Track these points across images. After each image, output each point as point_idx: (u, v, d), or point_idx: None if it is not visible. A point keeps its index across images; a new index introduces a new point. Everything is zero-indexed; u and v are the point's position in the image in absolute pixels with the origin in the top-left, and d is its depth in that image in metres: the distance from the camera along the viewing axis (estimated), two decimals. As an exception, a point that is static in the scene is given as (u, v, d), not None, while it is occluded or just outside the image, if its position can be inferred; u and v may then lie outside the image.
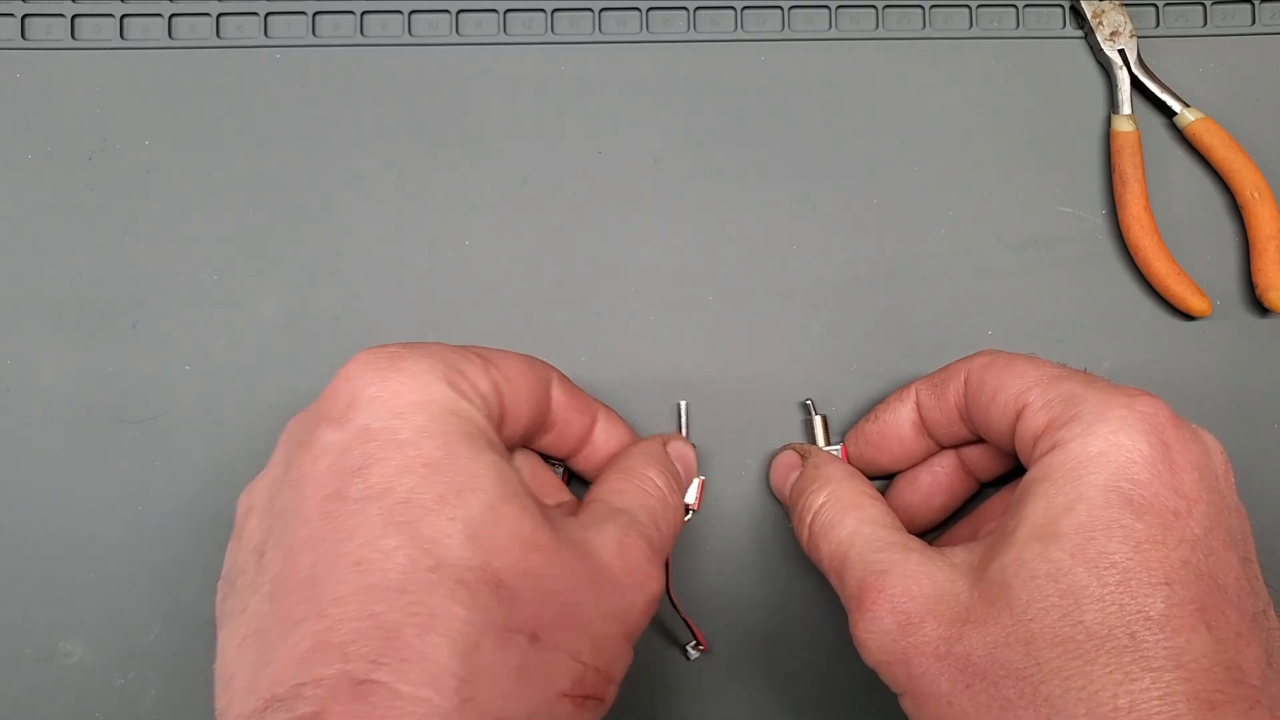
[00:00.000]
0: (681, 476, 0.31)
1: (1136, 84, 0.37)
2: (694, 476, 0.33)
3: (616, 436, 0.32)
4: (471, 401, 0.25)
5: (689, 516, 0.34)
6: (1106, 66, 0.37)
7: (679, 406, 0.35)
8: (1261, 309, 0.36)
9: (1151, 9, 0.38)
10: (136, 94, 0.37)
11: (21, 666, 0.34)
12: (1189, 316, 0.36)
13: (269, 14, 0.37)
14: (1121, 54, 0.37)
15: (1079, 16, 0.38)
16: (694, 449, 0.33)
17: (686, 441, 0.33)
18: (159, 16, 0.37)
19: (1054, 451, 0.25)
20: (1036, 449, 0.26)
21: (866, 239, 0.36)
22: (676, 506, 0.30)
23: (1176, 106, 0.36)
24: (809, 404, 0.35)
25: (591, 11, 0.37)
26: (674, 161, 0.37)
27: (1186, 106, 0.36)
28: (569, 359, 0.36)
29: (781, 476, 0.33)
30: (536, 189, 0.37)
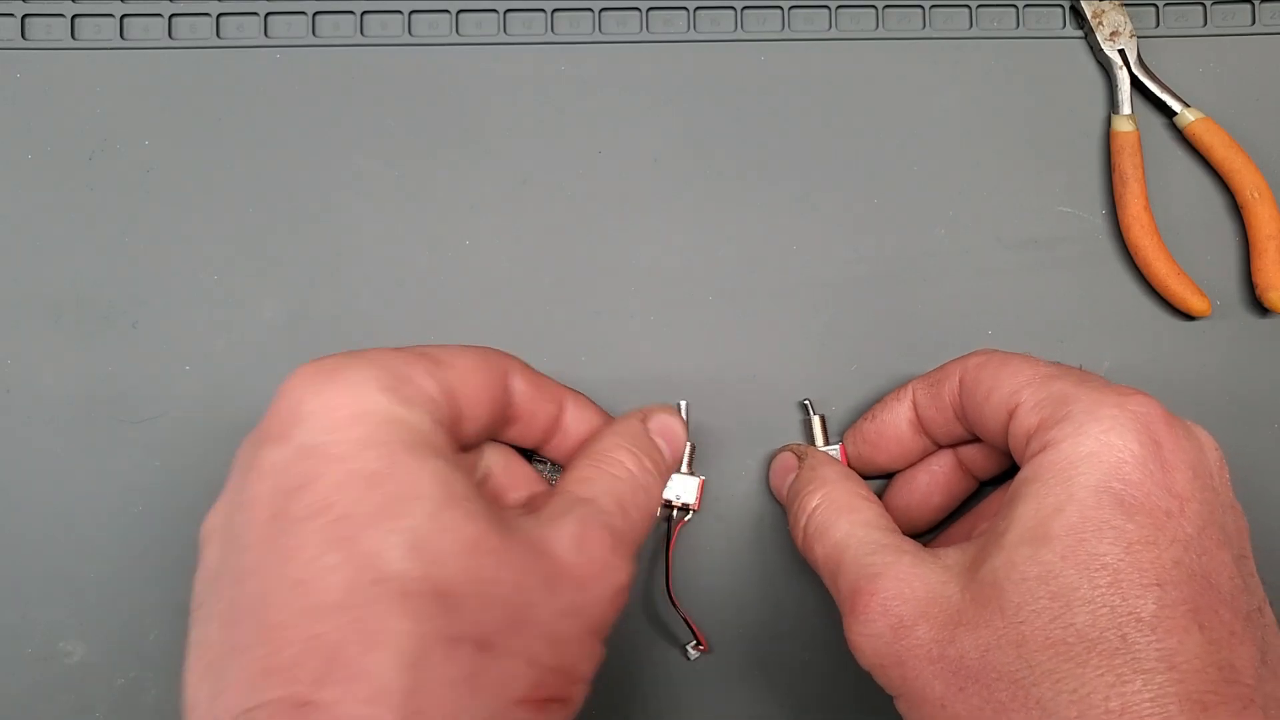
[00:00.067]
0: (664, 452, 0.30)
1: (1136, 84, 0.37)
2: (683, 446, 0.32)
3: (588, 421, 0.31)
4: (415, 407, 0.24)
5: (689, 516, 0.34)
6: (1106, 66, 0.37)
7: (679, 406, 0.35)
8: (1261, 309, 0.36)
9: (1151, 9, 0.38)
10: (136, 94, 0.37)
11: (21, 666, 0.34)
12: (1189, 316, 0.36)
13: (269, 14, 0.37)
14: (1121, 54, 0.37)
15: (1079, 16, 0.38)
16: (682, 418, 0.32)
17: (672, 411, 0.32)
18: (159, 16, 0.37)
19: (1045, 452, 0.25)
20: (1028, 449, 0.26)
21: (866, 239, 0.36)
22: (649, 487, 0.29)
23: (1176, 106, 0.36)
24: (807, 404, 0.35)
25: (591, 11, 0.37)
26: (674, 161, 0.37)
27: (1186, 106, 0.36)
28: (569, 359, 0.36)
29: (780, 477, 0.33)
30: (536, 189, 0.37)
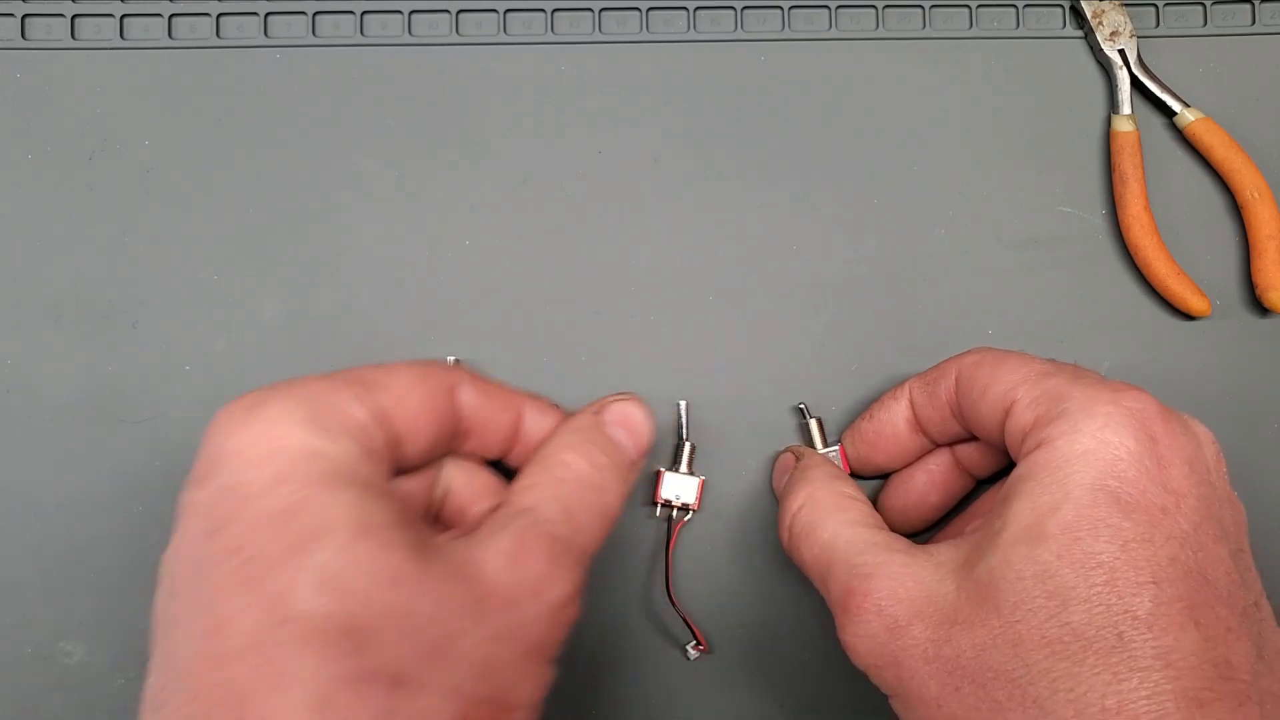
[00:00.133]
0: (623, 443, 0.28)
1: (1136, 84, 0.37)
2: (646, 433, 0.29)
3: (548, 426, 0.29)
4: (337, 437, 0.24)
5: (689, 516, 0.34)
6: (1106, 66, 0.37)
7: (679, 406, 0.35)
8: (1261, 309, 0.36)
9: (1151, 9, 0.38)
10: (136, 94, 0.37)
11: (22, 666, 0.34)
12: (1189, 316, 0.36)
13: (269, 14, 0.37)
14: (1121, 54, 0.37)
15: (1079, 16, 0.38)
16: (643, 405, 0.29)
17: (629, 399, 0.30)
18: (159, 16, 0.37)
19: (1041, 449, 0.25)
20: (1024, 445, 0.26)
21: (866, 239, 0.36)
22: (603, 484, 0.27)
23: (1176, 106, 0.36)
24: (803, 408, 0.35)
25: (591, 11, 0.37)
26: (674, 161, 0.37)
27: (1186, 106, 0.36)
28: (569, 359, 0.36)
29: (778, 477, 0.33)
30: (536, 189, 0.37)
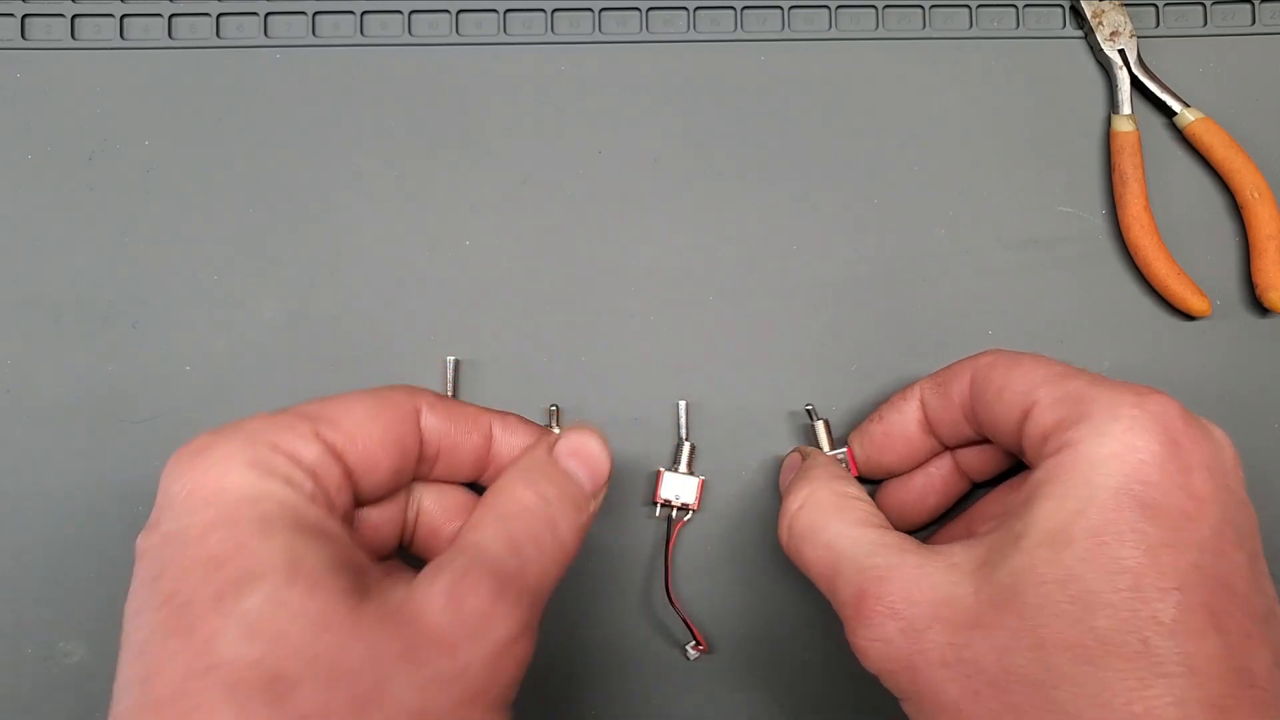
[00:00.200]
0: (577, 475, 0.27)
1: (1136, 84, 0.37)
2: (602, 464, 0.28)
3: (520, 445, 0.29)
4: (280, 480, 0.23)
5: (689, 516, 0.34)
6: (1106, 66, 0.37)
7: (679, 406, 0.35)
8: (1261, 309, 0.36)
9: (1151, 9, 0.38)
10: (136, 94, 0.37)
11: (21, 666, 0.34)
12: (1189, 316, 0.36)
13: (269, 14, 0.37)
14: (1121, 54, 0.37)
15: (1079, 16, 0.38)
16: (600, 436, 0.28)
17: (585, 429, 0.28)
18: (159, 16, 0.37)
19: (1064, 452, 0.24)
20: (1045, 448, 0.25)
21: (866, 239, 0.36)
22: (554, 518, 0.26)
23: (1176, 106, 0.36)
24: (810, 409, 0.34)
25: (591, 11, 0.37)
26: (674, 161, 0.37)
27: (1186, 106, 0.36)
28: (569, 359, 0.36)
29: (784, 477, 0.33)
30: (536, 189, 0.37)
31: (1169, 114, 0.37)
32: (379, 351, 0.36)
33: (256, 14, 0.37)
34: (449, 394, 0.35)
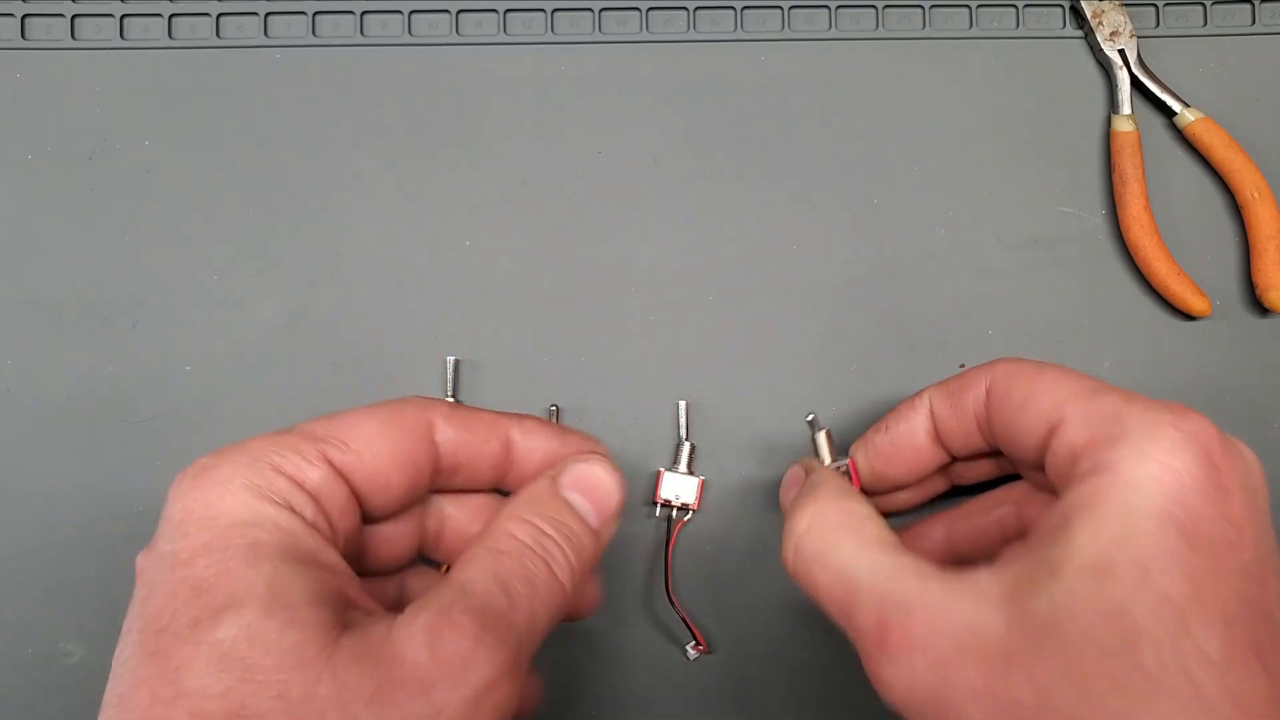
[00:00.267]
0: (580, 508, 0.26)
1: (1136, 84, 0.37)
2: (610, 497, 0.27)
3: (540, 450, 0.28)
4: (281, 504, 0.23)
5: (688, 517, 0.34)
6: (1106, 66, 0.37)
7: (679, 406, 0.35)
8: (1261, 309, 0.36)
9: (1151, 9, 0.38)
10: (136, 94, 0.37)
11: (22, 666, 0.34)
12: (1189, 316, 0.36)
13: (269, 14, 0.37)
14: (1121, 54, 0.37)
15: (1079, 16, 0.38)
16: (610, 465, 0.27)
17: (593, 459, 0.27)
18: (159, 16, 0.37)
19: (1100, 475, 0.23)
20: (1076, 468, 0.24)
21: (866, 239, 0.36)
22: (552, 554, 0.25)
23: (1176, 106, 0.36)
24: (811, 420, 0.32)
25: (591, 11, 0.37)
26: (674, 161, 0.37)
27: (1186, 106, 0.36)
28: (569, 359, 0.36)
29: (786, 494, 0.32)
30: (536, 189, 0.37)
31: (1169, 114, 0.37)
32: (379, 351, 0.36)
33: (256, 14, 0.37)
34: (449, 394, 0.35)
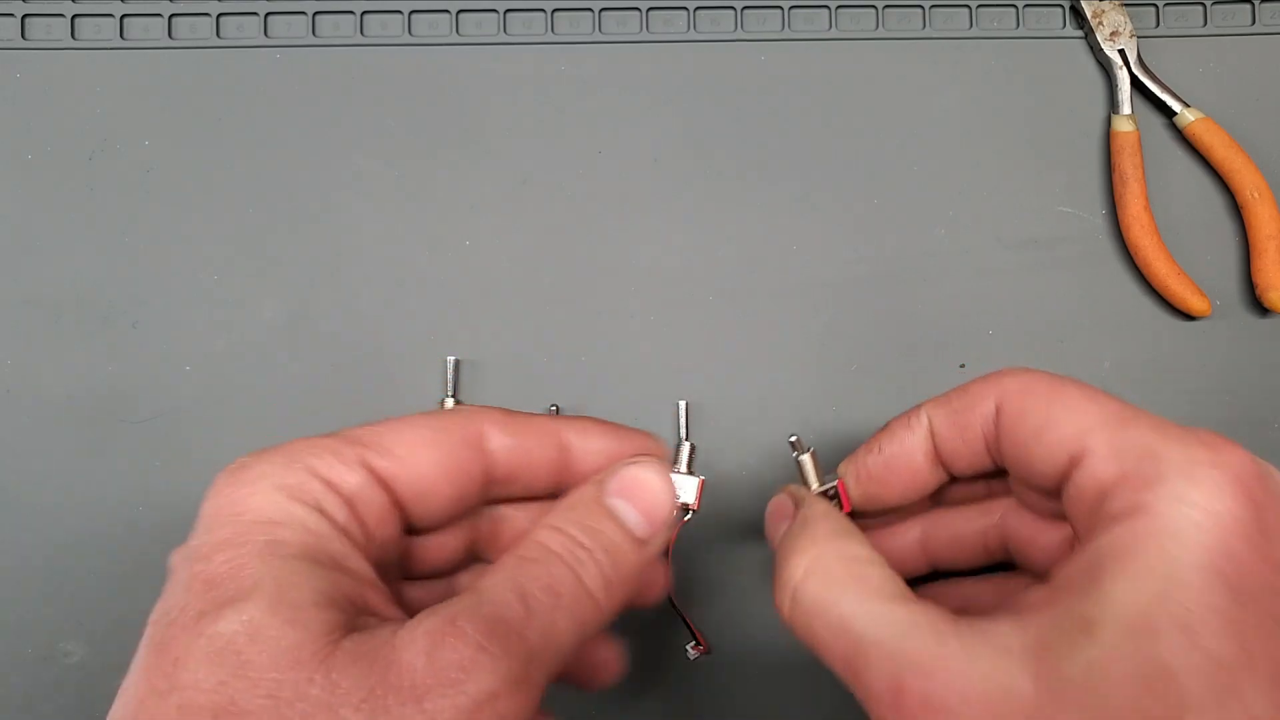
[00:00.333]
0: (624, 516, 0.25)
1: (1136, 84, 0.37)
2: (662, 502, 0.26)
3: (598, 450, 0.27)
4: (311, 505, 0.23)
5: (688, 517, 0.34)
6: (1106, 66, 0.37)
7: (679, 406, 0.35)
8: (1261, 309, 0.36)
9: (1151, 9, 0.38)
10: (136, 94, 0.37)
11: (22, 666, 0.34)
12: (1189, 316, 0.36)
13: (269, 14, 0.37)
14: (1121, 54, 0.37)
15: (1079, 16, 0.38)
16: (661, 468, 0.26)
17: (648, 464, 0.26)
18: (159, 16, 0.37)
19: (1135, 519, 0.22)
20: (1107, 508, 0.22)
21: (866, 239, 0.36)
22: (580, 564, 0.24)
23: (1176, 106, 0.36)
24: (794, 441, 0.29)
25: (591, 11, 0.37)
26: (674, 161, 0.37)
27: (1186, 106, 0.36)
28: (569, 359, 0.36)
29: (773, 526, 0.29)
30: (536, 189, 0.37)
31: (1169, 114, 0.37)
32: (379, 351, 0.36)
33: (256, 14, 0.37)
34: (449, 394, 0.35)
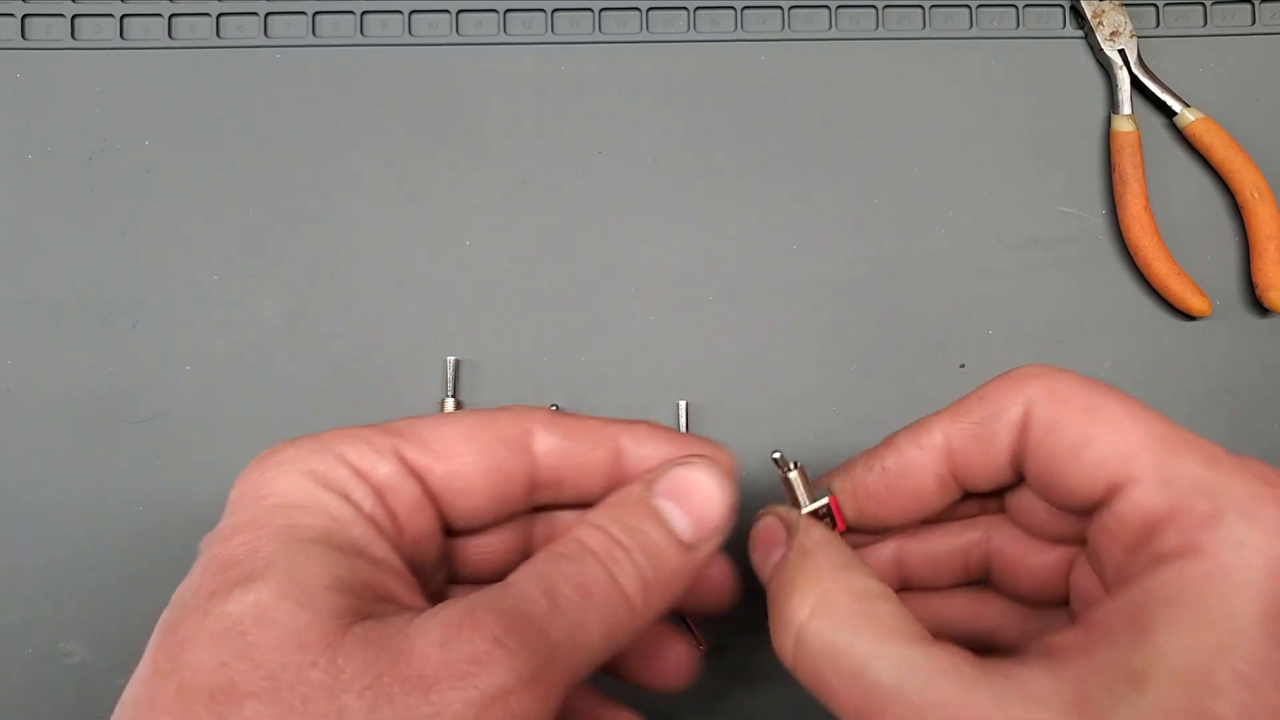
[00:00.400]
0: (670, 519, 0.24)
1: (1136, 84, 0.37)
2: (708, 509, 0.24)
3: (654, 457, 0.25)
4: (337, 492, 0.22)
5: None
6: (1106, 66, 0.37)
7: (679, 406, 0.35)
8: (1261, 309, 0.36)
9: (1151, 9, 0.38)
10: (136, 94, 0.37)
11: (22, 666, 0.34)
12: (1189, 316, 0.36)
13: (269, 14, 0.37)
14: (1121, 54, 0.37)
15: (1079, 16, 0.38)
16: (714, 472, 0.24)
17: (702, 464, 0.24)
18: (159, 16, 0.37)
19: (1190, 560, 0.20)
20: (1156, 546, 0.21)
21: (866, 239, 0.36)
22: (616, 563, 0.22)
23: (1176, 106, 0.36)
24: (777, 458, 0.27)
25: (591, 11, 0.37)
26: (674, 161, 0.37)
27: (1186, 106, 0.36)
28: (569, 359, 0.36)
29: (761, 553, 0.26)
30: (536, 189, 0.37)
31: (1169, 114, 0.37)
32: (379, 351, 0.36)
33: (256, 14, 0.37)
34: (449, 394, 0.35)
